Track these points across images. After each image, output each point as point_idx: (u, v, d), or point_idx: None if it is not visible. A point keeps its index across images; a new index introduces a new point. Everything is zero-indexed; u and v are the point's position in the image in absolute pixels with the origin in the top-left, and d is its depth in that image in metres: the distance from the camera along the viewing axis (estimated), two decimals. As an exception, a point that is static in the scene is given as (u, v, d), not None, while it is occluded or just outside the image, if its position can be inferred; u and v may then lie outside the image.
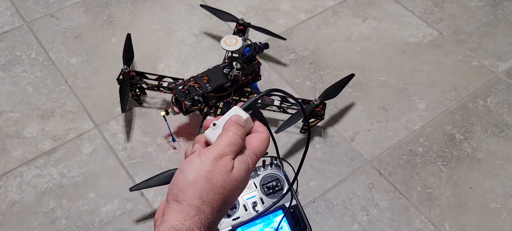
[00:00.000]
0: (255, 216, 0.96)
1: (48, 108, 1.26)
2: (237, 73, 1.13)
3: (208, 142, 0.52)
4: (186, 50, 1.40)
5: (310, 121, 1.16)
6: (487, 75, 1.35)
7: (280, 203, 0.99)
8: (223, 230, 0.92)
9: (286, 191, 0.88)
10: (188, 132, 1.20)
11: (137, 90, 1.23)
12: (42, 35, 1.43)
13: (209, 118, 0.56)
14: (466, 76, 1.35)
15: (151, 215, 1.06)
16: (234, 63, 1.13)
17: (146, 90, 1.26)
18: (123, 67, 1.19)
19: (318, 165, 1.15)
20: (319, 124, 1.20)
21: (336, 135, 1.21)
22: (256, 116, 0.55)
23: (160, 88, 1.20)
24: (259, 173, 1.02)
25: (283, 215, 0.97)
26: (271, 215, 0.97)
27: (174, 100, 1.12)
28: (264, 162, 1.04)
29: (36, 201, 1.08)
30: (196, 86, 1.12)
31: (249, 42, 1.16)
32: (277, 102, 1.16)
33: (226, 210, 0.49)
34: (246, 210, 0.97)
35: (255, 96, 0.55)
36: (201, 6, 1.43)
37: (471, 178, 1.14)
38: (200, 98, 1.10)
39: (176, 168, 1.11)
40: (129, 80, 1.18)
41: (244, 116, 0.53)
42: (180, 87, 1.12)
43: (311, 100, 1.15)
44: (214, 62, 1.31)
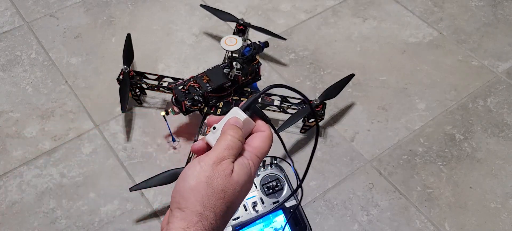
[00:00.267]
0: (257, 216, 0.96)
1: (48, 108, 1.26)
2: (237, 73, 1.13)
3: (208, 144, 0.52)
4: (186, 50, 1.40)
5: (310, 120, 1.16)
6: (487, 75, 1.35)
7: (280, 204, 0.99)
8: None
9: (296, 187, 0.87)
10: (188, 132, 1.20)
11: (137, 90, 1.23)
12: (42, 35, 1.43)
13: (212, 116, 0.55)
14: (466, 76, 1.35)
15: (151, 215, 1.06)
16: (234, 63, 1.13)
17: (146, 90, 1.26)
18: (123, 67, 1.19)
19: (318, 165, 1.15)
20: (319, 124, 1.20)
21: (336, 135, 1.21)
22: (257, 115, 0.54)
23: (160, 88, 1.20)
24: (259, 173, 1.03)
25: (290, 215, 0.97)
26: (271, 215, 0.97)
27: (174, 100, 1.12)
28: (264, 162, 1.04)
29: (36, 201, 1.08)
30: (196, 86, 1.12)
31: (249, 42, 1.16)
32: (277, 103, 1.16)
33: (230, 215, 0.48)
34: (246, 210, 0.97)
35: (254, 96, 0.54)
36: (201, 6, 1.43)
37: (471, 178, 1.14)
38: (200, 98, 1.10)
39: (176, 168, 1.12)
40: (129, 80, 1.18)
41: (243, 117, 0.52)
42: (180, 87, 1.12)
43: (311, 100, 1.15)
44: (214, 62, 1.31)
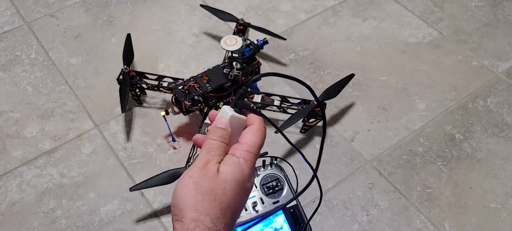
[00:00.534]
0: (257, 216, 0.96)
1: (48, 108, 1.26)
2: (237, 73, 1.13)
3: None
4: (186, 50, 1.40)
5: (310, 120, 1.16)
6: (487, 75, 1.35)
7: (280, 204, 0.99)
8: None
9: (310, 179, 0.86)
10: (188, 132, 1.20)
11: (137, 90, 1.23)
12: (42, 35, 1.43)
13: (213, 111, 0.54)
14: (466, 76, 1.35)
15: (151, 215, 1.06)
16: (234, 63, 1.13)
17: (146, 90, 1.26)
18: (123, 67, 1.19)
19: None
20: (319, 123, 1.20)
21: (336, 135, 1.21)
22: (247, 109, 0.52)
23: (160, 88, 1.20)
24: (259, 173, 1.02)
25: (308, 221, 0.97)
26: (271, 215, 0.97)
27: (174, 100, 1.12)
28: (264, 162, 1.03)
29: (36, 201, 1.08)
30: (196, 86, 1.12)
31: (248, 42, 1.16)
32: (277, 103, 1.16)
33: (229, 217, 0.47)
34: (246, 210, 0.97)
35: (239, 91, 0.52)
36: (201, 6, 1.43)
37: (471, 178, 1.14)
38: (200, 98, 1.10)
39: (176, 168, 1.12)
40: (129, 80, 1.18)
41: (228, 115, 0.51)
42: (180, 87, 1.12)
43: (311, 100, 1.15)
44: (214, 62, 1.31)
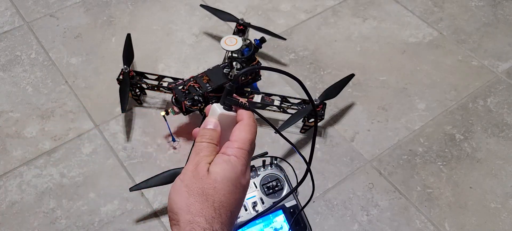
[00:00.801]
0: (256, 215, 0.96)
1: (48, 108, 1.26)
2: (237, 73, 1.13)
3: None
4: (186, 50, 1.40)
5: (310, 120, 1.16)
6: (487, 75, 1.35)
7: (281, 204, 0.99)
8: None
9: (305, 173, 0.85)
10: (188, 132, 1.20)
11: (137, 90, 1.23)
12: (42, 35, 1.43)
13: (210, 106, 0.54)
14: (466, 76, 1.35)
15: (151, 215, 1.06)
16: (234, 63, 1.13)
17: (146, 90, 1.26)
18: (123, 67, 1.19)
19: (318, 165, 1.15)
20: (319, 123, 1.20)
21: (336, 135, 1.21)
22: (234, 105, 0.52)
23: (160, 88, 1.20)
24: (259, 173, 1.03)
25: (301, 209, 0.97)
26: (271, 215, 0.97)
27: (174, 100, 1.12)
28: (264, 162, 1.04)
29: (36, 201, 1.08)
30: (196, 86, 1.12)
31: (248, 42, 1.16)
32: (277, 103, 1.16)
33: (226, 216, 0.47)
34: (246, 210, 0.97)
35: (226, 87, 0.51)
36: (201, 6, 1.43)
37: (471, 178, 1.14)
38: (200, 98, 1.10)
39: (176, 168, 1.12)
40: (129, 80, 1.18)
41: (217, 113, 0.51)
42: (180, 87, 1.12)
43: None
44: (214, 62, 1.31)
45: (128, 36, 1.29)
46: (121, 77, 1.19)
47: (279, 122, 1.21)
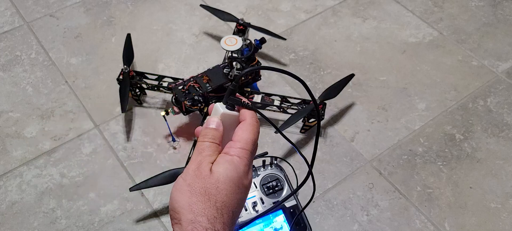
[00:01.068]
0: (257, 216, 0.96)
1: (48, 108, 1.26)
2: (237, 73, 1.13)
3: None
4: (186, 50, 1.40)
5: (310, 120, 1.16)
6: (487, 75, 1.35)
7: (281, 205, 0.99)
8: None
9: (306, 175, 0.87)
10: (188, 132, 1.20)
11: (137, 90, 1.23)
12: (42, 35, 1.43)
13: (213, 104, 0.54)
14: (466, 76, 1.35)
15: (151, 215, 1.06)
16: (234, 63, 1.13)
17: (146, 90, 1.26)
18: (123, 67, 1.19)
19: (318, 165, 1.15)
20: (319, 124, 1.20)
21: (336, 135, 1.21)
22: (237, 104, 0.52)
23: (160, 88, 1.20)
24: (259, 173, 1.03)
25: (301, 209, 0.97)
26: (271, 215, 0.97)
27: (174, 100, 1.12)
28: (264, 162, 1.04)
29: (36, 201, 1.08)
30: (196, 86, 1.12)
31: (248, 42, 1.17)
32: (277, 103, 1.16)
33: (228, 216, 0.47)
34: (246, 210, 0.97)
35: (229, 87, 0.52)
36: (201, 6, 1.43)
37: (471, 178, 1.14)
38: (200, 98, 1.10)
39: (176, 168, 1.12)
40: (129, 80, 1.18)
41: (219, 113, 0.51)
42: (180, 87, 1.12)
43: (310, 101, 1.15)
44: (214, 62, 1.31)
45: (128, 36, 1.29)
46: (121, 77, 1.19)
47: (279, 122, 1.21)
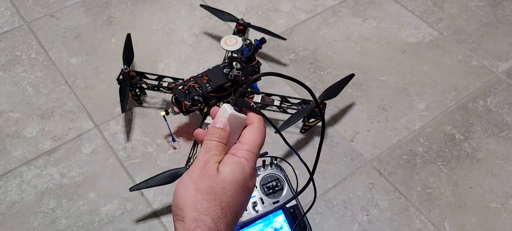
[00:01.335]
0: (257, 216, 0.96)
1: (48, 108, 1.26)
2: (237, 73, 1.13)
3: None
4: (186, 50, 1.40)
5: (310, 120, 1.16)
6: (487, 75, 1.35)
7: (281, 204, 0.99)
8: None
9: (307, 181, 0.86)
10: (188, 132, 1.20)
11: (137, 90, 1.23)
12: (42, 35, 1.43)
13: (215, 108, 0.54)
14: (466, 76, 1.35)
15: (151, 215, 1.06)
16: (234, 63, 1.13)
17: (146, 90, 1.26)
18: (123, 67, 1.19)
19: (318, 165, 1.14)
20: (319, 123, 1.20)
21: (336, 135, 1.21)
22: (246, 108, 0.52)
23: (160, 88, 1.20)
24: (259, 173, 1.02)
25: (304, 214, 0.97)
26: (271, 215, 0.97)
27: (174, 100, 1.12)
28: (264, 162, 1.04)
29: (36, 201, 1.08)
30: (196, 86, 1.12)
31: (248, 42, 1.17)
32: (277, 103, 1.16)
33: (231, 217, 0.47)
34: (246, 210, 0.97)
35: (240, 89, 0.52)
36: (201, 6, 1.43)
37: (471, 178, 1.14)
38: (200, 98, 1.10)
39: (176, 168, 1.12)
40: (129, 80, 1.18)
41: (227, 113, 0.51)
42: (180, 87, 1.12)
43: (311, 100, 1.15)
44: (214, 62, 1.31)
45: (128, 36, 1.29)
46: (121, 77, 1.19)
47: (279, 122, 1.21)
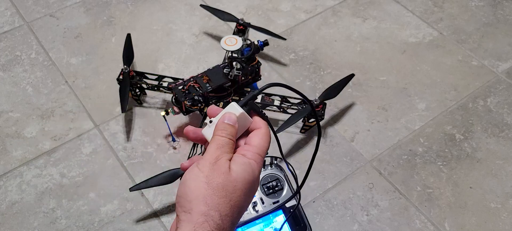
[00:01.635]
0: (257, 216, 0.96)
1: (48, 108, 1.26)
2: (237, 73, 1.13)
3: (206, 138, 0.52)
4: (186, 50, 1.40)
5: (310, 120, 1.16)
6: (487, 75, 1.35)
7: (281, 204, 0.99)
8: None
9: (295, 191, 0.87)
10: (188, 132, 1.20)
11: (137, 90, 1.23)
12: (42, 35, 1.43)
13: (212, 106, 0.55)
14: (466, 76, 1.35)
15: (151, 215, 1.06)
16: (234, 63, 1.13)
17: (146, 90, 1.26)
18: (123, 67, 1.19)
19: (318, 165, 1.15)
20: (319, 123, 1.20)
21: (336, 135, 1.21)
22: (255, 112, 0.53)
23: (160, 88, 1.20)
24: (259, 173, 1.02)
25: (289, 215, 0.97)
26: (271, 215, 0.97)
27: (174, 100, 1.12)
28: (264, 162, 1.03)
29: (36, 201, 1.08)
30: (196, 86, 1.12)
31: (249, 42, 1.16)
32: (277, 102, 1.16)
33: (236, 217, 0.48)
34: (246, 210, 0.97)
35: (253, 92, 0.54)
36: (201, 6, 1.43)
37: (471, 178, 1.14)
38: (200, 98, 1.10)
39: (176, 168, 1.12)
40: (129, 80, 1.18)
41: (238, 112, 0.51)
42: (180, 87, 1.12)
43: (311, 101, 1.15)
44: (214, 62, 1.31)
45: (128, 36, 1.29)
46: (121, 77, 1.19)
47: (279, 122, 1.21)
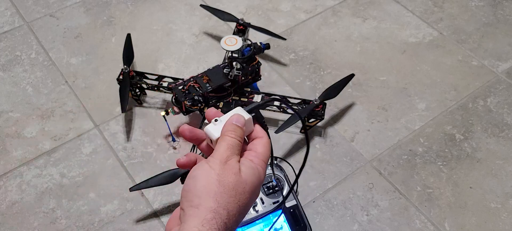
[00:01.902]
0: (257, 216, 0.96)
1: (48, 108, 1.26)
2: (237, 73, 1.13)
3: (209, 136, 0.53)
4: (186, 50, 1.40)
5: (310, 120, 1.16)
6: (487, 75, 1.35)
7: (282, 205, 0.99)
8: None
9: (290, 188, 0.87)
10: (188, 132, 1.20)
11: (137, 90, 1.23)
12: (42, 35, 1.43)
13: (211, 109, 0.56)
14: (466, 76, 1.35)
15: (151, 215, 1.06)
16: (234, 63, 1.13)
17: (146, 90, 1.26)
18: (123, 67, 1.19)
19: (318, 165, 1.15)
20: (319, 124, 1.20)
21: (336, 135, 1.21)
22: (258, 120, 0.55)
23: (160, 88, 1.20)
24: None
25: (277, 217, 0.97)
26: (271, 215, 0.97)
27: (174, 100, 1.12)
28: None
29: (36, 201, 1.08)
30: (196, 86, 1.12)
31: (249, 42, 1.16)
32: (277, 103, 1.16)
33: (241, 217, 0.49)
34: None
35: (259, 102, 0.55)
36: (201, 6, 1.43)
37: (471, 178, 1.14)
38: (200, 98, 1.10)
39: (176, 168, 1.12)
40: (129, 80, 1.18)
41: (246, 116, 0.53)
42: (180, 87, 1.12)
43: (311, 100, 1.15)
44: (214, 62, 1.31)
45: (128, 36, 1.29)
46: (121, 77, 1.19)
47: (279, 122, 1.21)
